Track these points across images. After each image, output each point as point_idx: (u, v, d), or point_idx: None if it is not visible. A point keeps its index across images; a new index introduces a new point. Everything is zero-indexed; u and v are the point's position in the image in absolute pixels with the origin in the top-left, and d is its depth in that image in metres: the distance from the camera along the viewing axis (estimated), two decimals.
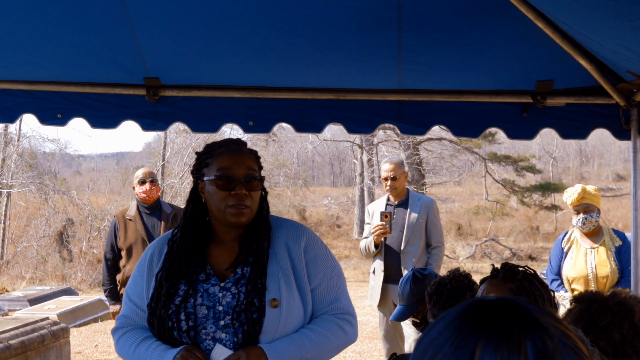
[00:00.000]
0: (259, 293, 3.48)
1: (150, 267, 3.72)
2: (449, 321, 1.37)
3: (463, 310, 1.38)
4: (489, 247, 35.48)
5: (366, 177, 37.17)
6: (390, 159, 9.31)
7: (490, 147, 36.57)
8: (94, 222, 31.09)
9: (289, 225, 3.76)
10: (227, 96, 5.22)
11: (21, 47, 4.86)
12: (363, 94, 5.16)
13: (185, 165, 34.44)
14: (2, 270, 26.53)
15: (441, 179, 41.16)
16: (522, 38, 4.44)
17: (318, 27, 4.45)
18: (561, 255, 7.81)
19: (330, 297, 3.67)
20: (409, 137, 30.92)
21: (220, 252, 3.69)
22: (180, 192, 31.83)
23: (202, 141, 34.34)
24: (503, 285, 3.73)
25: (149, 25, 4.56)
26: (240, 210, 3.57)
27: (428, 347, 1.36)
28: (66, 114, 5.30)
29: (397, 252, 8.81)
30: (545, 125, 5.21)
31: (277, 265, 3.58)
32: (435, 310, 4.42)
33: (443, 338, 1.34)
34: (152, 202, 8.72)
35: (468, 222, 43.18)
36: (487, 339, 1.29)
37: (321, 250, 3.72)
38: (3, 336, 9.66)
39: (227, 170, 3.58)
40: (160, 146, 35.53)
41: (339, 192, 55.32)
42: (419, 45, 4.54)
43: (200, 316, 3.51)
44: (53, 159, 43.04)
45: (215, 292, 3.54)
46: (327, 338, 3.59)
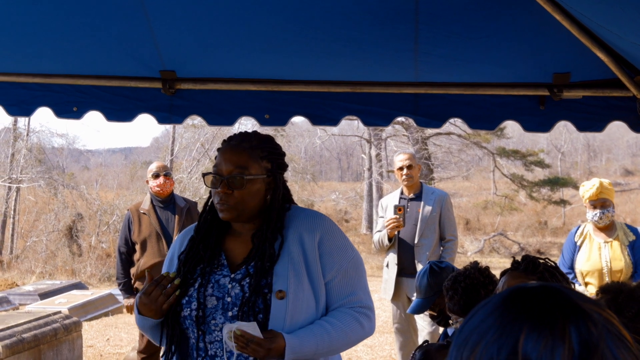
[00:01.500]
0: (263, 288, 3.50)
1: (172, 259, 3.84)
2: (492, 308, 1.36)
3: (506, 297, 1.37)
4: (497, 242, 35.52)
5: (374, 172, 37.18)
6: (403, 150, 9.34)
7: (498, 141, 36.53)
8: (103, 216, 31.15)
9: (306, 215, 3.75)
10: (243, 89, 5.21)
11: (37, 40, 4.85)
12: (379, 86, 5.14)
13: (193, 160, 34.48)
14: (12, 265, 26.60)
15: (449, 173, 41.17)
16: (539, 30, 4.42)
17: (335, 19, 4.44)
18: (574, 249, 7.80)
19: (347, 290, 3.66)
20: (417, 131, 30.94)
21: (236, 244, 3.73)
22: (188, 187, 31.85)
23: (210, 136, 34.41)
24: (524, 277, 3.73)
25: (166, 18, 4.55)
26: (222, 208, 3.61)
27: (470, 334, 1.35)
28: (82, 107, 5.30)
29: (410, 245, 8.83)
30: (561, 117, 5.19)
31: (289, 256, 3.58)
32: (451, 305, 4.42)
33: (486, 325, 1.33)
34: (166, 196, 8.74)
35: (476, 216, 43.20)
36: (531, 326, 1.29)
37: (338, 242, 3.71)
38: (16, 330, 9.68)
39: (215, 168, 3.66)
40: (169, 141, 35.59)
41: (347, 187, 55.32)
42: (436, 38, 4.52)
43: (210, 306, 3.54)
44: (61, 154, 43.11)
45: (225, 284, 3.58)
46: (344, 331, 3.59)
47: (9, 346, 9.28)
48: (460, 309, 4.34)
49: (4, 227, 31.48)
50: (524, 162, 36.30)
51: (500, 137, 35.34)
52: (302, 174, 43.43)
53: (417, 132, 31.12)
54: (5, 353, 9.14)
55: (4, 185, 31.54)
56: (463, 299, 4.33)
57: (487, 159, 45.02)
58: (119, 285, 8.84)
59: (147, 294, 3.55)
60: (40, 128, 40.92)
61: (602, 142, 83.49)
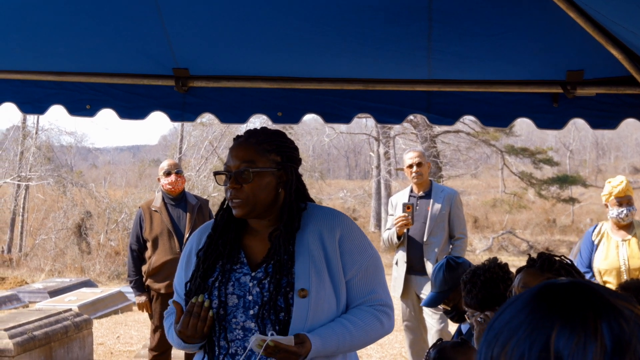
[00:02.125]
0: (284, 287, 3.50)
1: (189, 259, 3.82)
2: (522, 304, 1.36)
3: (536, 294, 1.37)
4: (506, 240, 35.50)
5: (383, 170, 37.14)
6: (413, 148, 9.34)
7: (507, 139, 36.48)
8: (112, 214, 31.18)
9: (326, 213, 3.75)
10: (255, 87, 5.21)
11: (50, 38, 4.86)
12: (392, 84, 5.14)
13: (202, 158, 34.50)
14: (21, 263, 26.65)
15: (458, 171, 41.11)
16: (553, 28, 4.41)
17: (347, 17, 4.43)
18: (592, 248, 7.78)
19: (367, 288, 3.66)
20: (426, 129, 30.91)
21: (255, 242, 3.73)
22: (197, 185, 31.86)
23: (218, 134, 34.43)
24: (540, 274, 3.72)
25: (179, 16, 4.55)
26: (234, 204, 3.63)
27: (501, 331, 1.35)
28: (95, 105, 5.31)
29: (419, 243, 8.83)
30: (574, 115, 5.18)
31: (309, 254, 3.57)
32: (469, 299, 4.41)
33: (517, 322, 1.33)
34: (177, 194, 8.75)
35: (485, 214, 43.18)
36: (563, 322, 1.28)
37: (358, 240, 3.71)
38: (27, 327, 9.71)
39: (225, 165, 3.69)
40: (177, 139, 35.61)
41: (355, 185, 55.34)
42: (449, 35, 4.52)
43: (231, 305, 3.54)
44: (70, 152, 43.17)
45: (246, 282, 3.58)
46: (364, 330, 3.60)
47: (21, 343, 9.30)
48: (477, 303, 4.33)
49: (13, 225, 31.55)
50: (532, 160, 36.24)
51: (509, 135, 35.27)
52: (310, 172, 43.44)
53: (425, 130, 31.09)
54: (16, 350, 9.17)
55: (13, 183, 31.62)
56: (482, 292, 4.31)
57: (495, 157, 44.98)
58: (130, 283, 8.85)
59: (186, 326, 3.51)
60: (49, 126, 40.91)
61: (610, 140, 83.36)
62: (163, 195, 8.77)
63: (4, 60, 5.16)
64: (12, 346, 9.15)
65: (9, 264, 26.35)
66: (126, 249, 26.46)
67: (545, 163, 36.50)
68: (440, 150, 34.10)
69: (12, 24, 4.70)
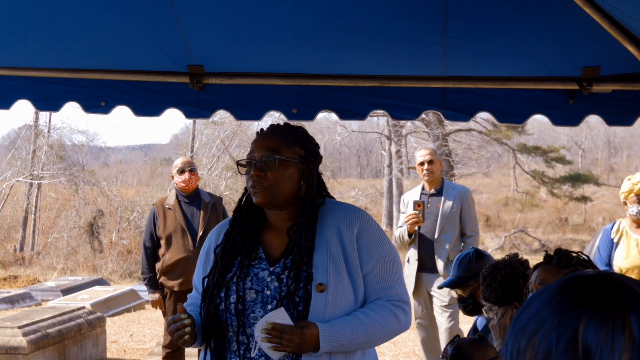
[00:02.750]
0: (303, 280, 3.50)
1: (208, 256, 3.83)
2: (549, 296, 1.35)
3: (563, 286, 1.36)
4: (518, 239, 35.43)
5: (394, 169, 37.11)
6: (424, 146, 9.35)
7: (519, 138, 36.43)
8: (124, 213, 31.24)
9: (344, 208, 3.76)
10: (270, 83, 5.21)
11: (65, 35, 4.86)
12: (407, 81, 5.13)
13: (213, 157, 34.51)
14: (33, 261, 26.71)
15: (470, 170, 41.04)
16: (569, 24, 4.40)
17: (363, 13, 4.43)
18: (611, 246, 7.74)
19: (384, 283, 3.66)
20: (437, 128, 30.87)
21: (273, 237, 3.73)
22: (209, 184, 31.89)
23: (230, 133, 34.43)
24: (557, 270, 3.71)
25: (194, 12, 4.55)
26: (256, 191, 3.63)
27: (527, 323, 1.34)
28: (110, 102, 5.31)
29: (430, 241, 8.84)
30: (590, 112, 5.16)
31: (327, 249, 3.58)
32: (487, 293, 4.40)
33: (544, 314, 1.32)
34: (191, 191, 8.76)
35: (496, 213, 43.13)
36: (590, 314, 1.28)
37: (376, 235, 3.71)
38: (41, 325, 9.73)
39: (248, 155, 3.71)
40: (188, 138, 35.65)
41: (367, 183, 55.28)
42: (465, 31, 4.51)
43: (249, 300, 3.55)
44: (81, 151, 43.25)
45: (264, 277, 3.58)
46: (380, 324, 3.59)
47: (34, 341, 9.33)
48: (496, 297, 4.32)
49: (25, 223, 31.64)
50: (545, 159, 36.17)
51: (521, 134, 35.22)
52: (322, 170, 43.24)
53: (437, 129, 31.05)
54: (30, 348, 9.19)
55: (25, 181, 31.69)
56: (501, 286, 4.30)
57: (507, 156, 44.91)
58: (144, 280, 8.86)
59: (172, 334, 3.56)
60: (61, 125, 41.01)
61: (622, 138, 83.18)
62: (177, 193, 8.77)
63: (19, 57, 5.17)
64: (26, 344, 9.17)
65: (21, 263, 26.42)
66: (138, 248, 26.66)
67: (557, 161, 36.44)
68: (452, 149, 34.05)
69: (27, 21, 4.70)
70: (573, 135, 64.09)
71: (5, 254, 27.57)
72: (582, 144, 63.15)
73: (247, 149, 15.09)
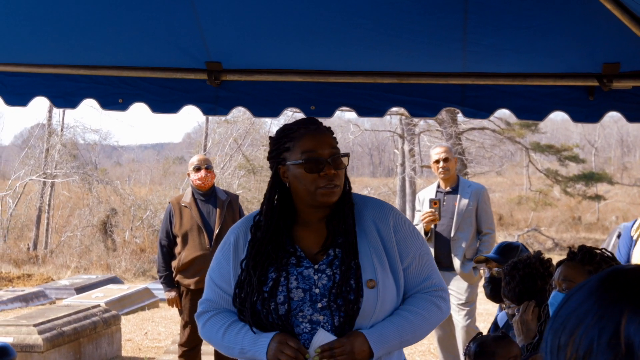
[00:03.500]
0: (354, 274, 3.47)
1: (236, 252, 3.67)
2: (589, 291, 1.33)
3: (603, 280, 1.34)
4: (531, 238, 35.35)
5: (407, 167, 37.04)
6: (439, 144, 9.31)
7: (532, 136, 36.34)
8: (137, 212, 31.27)
9: (374, 203, 3.73)
10: (288, 80, 5.19)
11: (82, 31, 4.86)
12: (426, 77, 5.11)
13: (226, 155, 34.50)
14: (47, 260, 26.75)
15: (483, 168, 40.96)
16: (589, 20, 4.38)
17: (382, 9, 4.41)
18: (630, 244, 7.69)
19: (423, 275, 3.64)
20: (451, 126, 30.82)
21: (308, 234, 3.65)
22: (222, 182, 31.90)
23: (243, 131, 34.43)
24: (580, 267, 3.70)
25: (212, 9, 4.55)
26: (331, 190, 3.52)
27: (568, 319, 1.32)
28: (127, 99, 5.30)
29: (447, 239, 8.80)
30: (610, 108, 5.14)
31: (369, 245, 3.56)
32: (507, 291, 4.39)
33: (584, 309, 1.30)
34: (207, 189, 8.74)
35: (509, 212, 43.04)
36: (633, 308, 1.25)
37: (410, 228, 3.70)
38: (56, 323, 9.75)
39: (313, 153, 3.53)
40: (201, 137, 35.64)
41: (379, 182, 55.22)
42: (485, 27, 4.49)
43: (297, 299, 3.48)
44: (94, 150, 43.31)
45: (310, 275, 3.52)
46: (424, 317, 3.60)
47: (50, 339, 9.34)
48: (515, 296, 4.31)
49: (38, 222, 31.69)
50: (558, 157, 36.08)
51: (534, 132, 35.14)
52: None
53: (450, 127, 30.97)
54: (46, 346, 9.20)
55: (39, 180, 31.74)
56: (519, 286, 4.29)
57: (520, 154, 44.83)
58: (160, 279, 8.86)
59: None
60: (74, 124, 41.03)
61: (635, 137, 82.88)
62: (193, 190, 8.75)
63: (36, 54, 5.17)
64: (42, 342, 9.19)
65: (35, 261, 26.45)
66: (151, 246, 26.73)
67: (570, 160, 36.35)
68: (466, 148, 33.98)
69: (45, 19, 4.70)
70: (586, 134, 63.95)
71: (19, 253, 27.61)
72: (595, 142, 62.98)
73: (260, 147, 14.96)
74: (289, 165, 3.57)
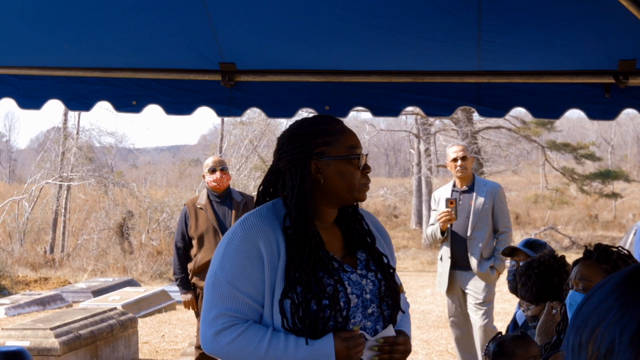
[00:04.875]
0: (392, 276, 3.50)
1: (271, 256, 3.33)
2: (612, 288, 1.31)
3: (627, 277, 1.32)
4: (548, 236, 35.29)
5: (423, 167, 37.02)
6: (456, 142, 9.32)
7: (548, 135, 36.29)
8: (153, 214, 31.30)
9: (362, 210, 3.73)
10: (303, 80, 5.18)
11: (96, 33, 4.86)
12: (441, 76, 5.09)
13: (242, 157, 34.52)
14: (63, 263, 26.81)
15: (499, 167, 40.91)
16: (604, 17, 4.35)
17: (396, 8, 4.40)
18: None
19: (398, 280, 3.65)
20: (466, 125, 30.80)
21: (328, 236, 3.50)
22: (237, 184, 31.91)
23: (258, 133, 34.45)
24: (597, 266, 3.68)
25: (225, 10, 4.54)
26: (367, 188, 3.53)
27: (590, 315, 1.30)
28: (141, 101, 5.30)
29: (463, 238, 8.81)
30: (627, 105, 5.11)
31: (381, 248, 3.59)
32: (523, 292, 4.38)
33: (606, 305, 1.28)
34: (222, 191, 8.74)
35: (526, 210, 42.96)
36: None
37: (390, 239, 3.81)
38: (73, 326, 9.75)
39: (359, 149, 3.48)
40: (217, 138, 35.66)
41: (395, 182, 55.25)
42: (500, 25, 4.47)
43: (353, 305, 3.36)
44: (110, 153, 43.41)
45: (359, 280, 3.41)
46: (409, 317, 3.71)
47: (67, 342, 9.35)
48: (532, 296, 4.29)
49: (55, 225, 31.75)
50: (574, 155, 36.03)
51: (550, 131, 35.10)
52: None
53: (466, 127, 30.96)
54: (62, 349, 9.21)
55: (55, 183, 31.81)
56: (536, 285, 4.28)
57: (535, 153, 44.76)
58: (176, 281, 8.85)
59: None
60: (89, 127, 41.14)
61: None
62: (208, 192, 8.75)
63: (50, 56, 5.18)
64: (58, 345, 9.19)
65: (51, 264, 26.51)
66: (168, 249, 26.76)
67: (587, 158, 36.30)
68: (481, 147, 33.95)
69: (58, 21, 4.71)
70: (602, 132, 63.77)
71: (35, 256, 27.66)
72: (612, 140, 62.78)
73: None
74: (329, 160, 3.42)
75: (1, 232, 30.45)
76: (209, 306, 3.35)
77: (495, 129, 34.41)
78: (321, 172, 3.41)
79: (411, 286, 19.88)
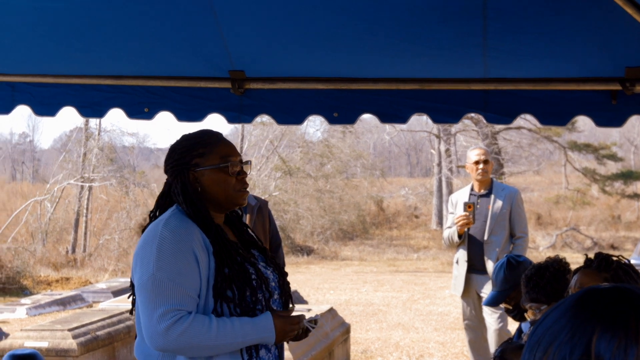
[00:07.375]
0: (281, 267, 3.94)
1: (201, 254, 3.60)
2: (564, 310, 1.36)
3: (578, 299, 1.37)
4: (570, 237, 35.14)
5: (444, 167, 37.01)
6: (478, 145, 9.31)
7: (569, 135, 36.17)
8: None
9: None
10: (311, 88, 5.23)
11: (108, 42, 4.93)
12: (448, 83, 5.13)
13: (262, 157, 34.60)
14: (85, 263, 26.94)
15: (520, 168, 40.80)
16: (610, 24, 4.38)
17: (403, 16, 4.44)
18: None
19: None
20: (487, 126, 30.77)
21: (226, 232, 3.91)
22: (258, 184, 32.01)
23: (279, 133, 34.53)
24: (597, 274, 3.69)
25: (234, 18, 4.60)
26: (245, 192, 3.83)
27: (543, 336, 1.35)
28: (153, 108, 5.37)
29: (480, 242, 8.79)
30: (634, 112, 5.13)
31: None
32: (534, 294, 4.37)
33: (558, 326, 1.33)
34: None
35: (548, 211, 42.76)
36: (604, 327, 1.28)
37: None
38: (90, 327, 9.81)
39: (232, 157, 3.78)
40: (238, 139, 35.72)
41: (416, 182, 55.08)
42: (505, 33, 4.51)
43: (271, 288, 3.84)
44: (132, 153, 43.50)
45: (265, 270, 3.81)
46: None
47: (84, 343, 9.40)
48: (545, 295, 4.30)
49: (77, 225, 31.90)
50: (596, 156, 35.90)
51: (571, 131, 34.97)
52: (371, 170, 43.35)
53: (486, 127, 30.95)
54: (80, 350, 9.27)
55: (77, 184, 31.97)
56: (550, 283, 4.29)
57: (557, 153, 44.58)
58: None
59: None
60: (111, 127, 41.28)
61: None
62: None
63: (63, 64, 5.25)
64: (76, 346, 9.25)
65: (73, 264, 26.64)
66: None
67: (609, 159, 36.16)
68: (502, 147, 33.93)
69: (71, 30, 4.78)
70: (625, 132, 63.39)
71: (57, 256, 27.78)
72: (635, 140, 62.47)
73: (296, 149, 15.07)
74: (203, 170, 3.75)
75: (24, 232, 30.58)
76: (153, 305, 3.51)
77: (516, 129, 34.35)
78: (199, 182, 3.76)
79: (430, 287, 19.89)
